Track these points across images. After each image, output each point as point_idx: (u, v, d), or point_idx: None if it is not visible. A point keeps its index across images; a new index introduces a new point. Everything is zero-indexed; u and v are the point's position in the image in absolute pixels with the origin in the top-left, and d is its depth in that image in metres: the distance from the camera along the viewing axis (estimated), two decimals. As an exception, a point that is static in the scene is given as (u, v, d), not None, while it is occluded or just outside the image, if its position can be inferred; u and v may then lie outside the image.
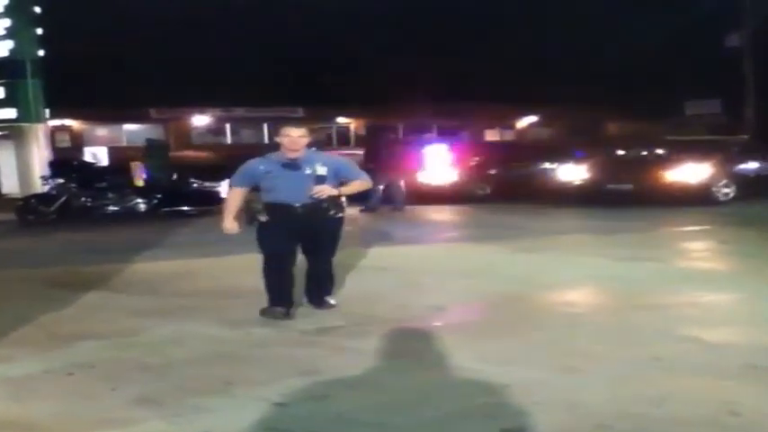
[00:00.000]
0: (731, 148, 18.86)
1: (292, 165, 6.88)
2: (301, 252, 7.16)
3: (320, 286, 7.27)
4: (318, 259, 7.16)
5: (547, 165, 19.77)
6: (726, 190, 17.17)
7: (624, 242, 11.26)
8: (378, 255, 10.50)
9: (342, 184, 7.04)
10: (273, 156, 7.03)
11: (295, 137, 6.88)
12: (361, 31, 38.96)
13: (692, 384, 4.94)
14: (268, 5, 37.81)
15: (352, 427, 4.35)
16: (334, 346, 6.03)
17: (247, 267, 7.76)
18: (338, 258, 7.17)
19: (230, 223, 7.05)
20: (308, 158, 6.95)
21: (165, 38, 37.26)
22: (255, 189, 7.07)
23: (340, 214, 7.05)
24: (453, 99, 37.34)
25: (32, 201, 16.97)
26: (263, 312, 6.88)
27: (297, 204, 6.84)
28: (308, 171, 6.86)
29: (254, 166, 7.05)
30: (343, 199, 7.09)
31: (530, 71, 37.75)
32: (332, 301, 7.28)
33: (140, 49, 36.34)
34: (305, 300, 7.23)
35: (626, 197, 16.57)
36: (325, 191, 6.85)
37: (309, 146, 7.04)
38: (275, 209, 6.87)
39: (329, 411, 4.60)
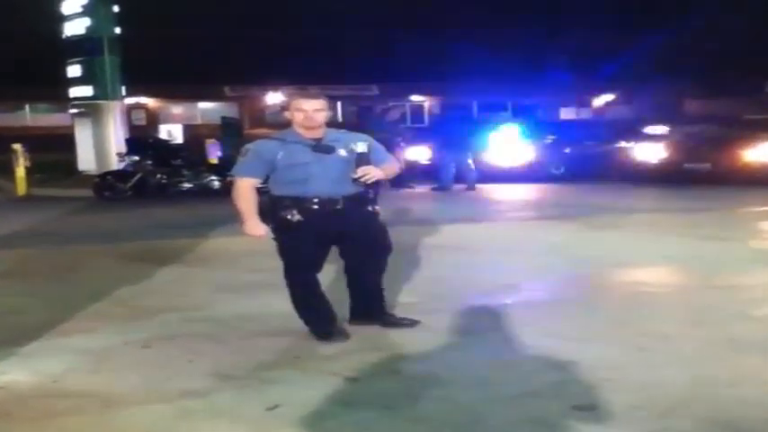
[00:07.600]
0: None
1: (324, 147, 5.41)
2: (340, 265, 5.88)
3: (377, 300, 5.86)
4: (369, 270, 5.73)
5: (623, 143, 19.46)
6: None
7: (700, 222, 11.07)
8: (449, 233, 10.48)
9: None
10: (289, 136, 5.49)
11: (310, 111, 5.38)
12: (436, 7, 38.83)
13: (767, 366, 4.87)
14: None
15: (425, 402, 4.37)
16: (404, 322, 6.03)
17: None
18: (409, 237, 6.92)
19: (256, 225, 5.50)
20: (334, 138, 5.49)
21: (239, 15, 37.62)
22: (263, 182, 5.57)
23: (377, 207, 5.66)
24: (527, 77, 37.01)
25: (109, 177, 17.20)
26: (321, 339, 5.50)
27: (338, 197, 5.42)
28: (342, 153, 5.40)
29: (269, 150, 5.45)
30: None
31: (605, 48, 37.32)
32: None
33: (215, 28, 36.72)
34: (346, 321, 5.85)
35: (704, 176, 16.27)
36: (373, 172, 5.35)
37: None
38: (311, 205, 5.38)
39: (401, 386, 4.63)
